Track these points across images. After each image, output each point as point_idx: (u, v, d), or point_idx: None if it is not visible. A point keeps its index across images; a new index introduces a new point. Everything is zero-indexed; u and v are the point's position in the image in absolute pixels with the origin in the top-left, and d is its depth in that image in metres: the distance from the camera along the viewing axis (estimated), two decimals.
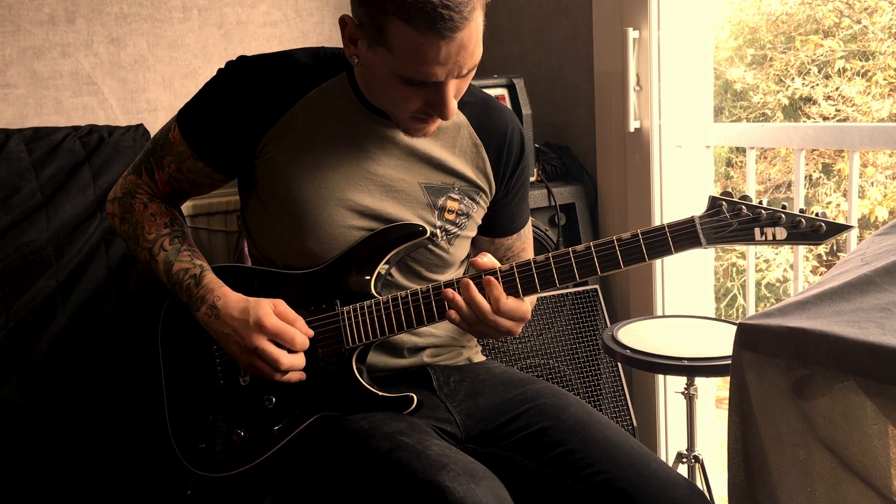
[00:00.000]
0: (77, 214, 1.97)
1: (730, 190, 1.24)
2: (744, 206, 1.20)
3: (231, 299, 1.31)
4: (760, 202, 1.20)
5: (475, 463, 1.17)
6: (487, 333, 1.27)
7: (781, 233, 1.19)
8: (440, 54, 1.14)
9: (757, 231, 1.19)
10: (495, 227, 1.49)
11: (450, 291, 1.25)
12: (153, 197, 1.44)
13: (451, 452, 1.18)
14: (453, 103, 1.22)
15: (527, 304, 1.27)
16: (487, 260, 1.27)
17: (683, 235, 1.21)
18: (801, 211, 1.19)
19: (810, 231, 1.18)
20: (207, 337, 1.38)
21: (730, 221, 1.20)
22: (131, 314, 1.99)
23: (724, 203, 1.21)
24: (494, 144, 1.42)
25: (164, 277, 1.38)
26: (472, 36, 1.16)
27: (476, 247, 1.53)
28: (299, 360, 1.30)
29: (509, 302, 1.24)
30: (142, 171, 1.43)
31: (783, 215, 1.18)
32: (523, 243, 1.53)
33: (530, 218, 1.56)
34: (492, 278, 1.24)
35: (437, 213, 1.39)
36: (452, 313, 1.25)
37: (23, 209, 1.92)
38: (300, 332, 1.29)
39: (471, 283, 1.24)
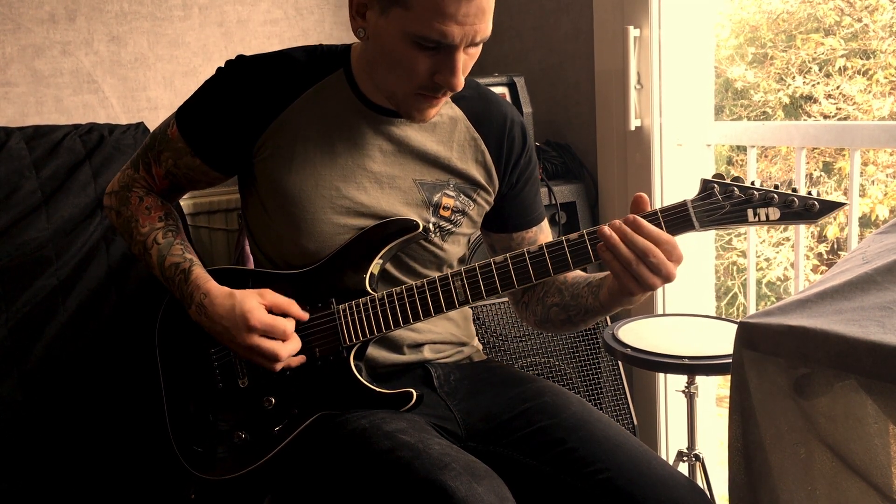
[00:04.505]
0: (77, 213, 1.97)
1: (721, 172, 1.23)
2: (736, 188, 1.19)
3: (216, 296, 1.30)
4: (752, 183, 1.20)
5: (477, 462, 1.17)
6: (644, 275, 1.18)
7: (775, 213, 1.18)
8: (460, 10, 1.14)
9: (750, 212, 1.19)
10: (509, 221, 1.47)
11: (606, 228, 1.19)
12: (150, 191, 1.44)
13: (453, 451, 1.18)
14: (462, 75, 1.22)
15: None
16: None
17: (676, 219, 1.21)
18: (794, 190, 1.18)
19: (803, 210, 1.17)
20: (204, 340, 1.38)
21: (722, 203, 1.20)
22: (132, 313, 1.99)
23: (715, 185, 1.20)
24: (494, 137, 1.42)
25: (158, 272, 1.38)
26: (490, 3, 1.18)
27: (495, 247, 1.51)
28: (295, 343, 1.30)
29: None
30: (139, 166, 1.43)
31: (775, 195, 1.18)
32: (546, 237, 1.51)
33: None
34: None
35: (431, 209, 1.39)
36: (608, 255, 1.19)
37: (23, 207, 1.92)
38: (290, 321, 1.29)
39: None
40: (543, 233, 1.50)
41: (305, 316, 1.32)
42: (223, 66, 1.36)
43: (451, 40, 1.17)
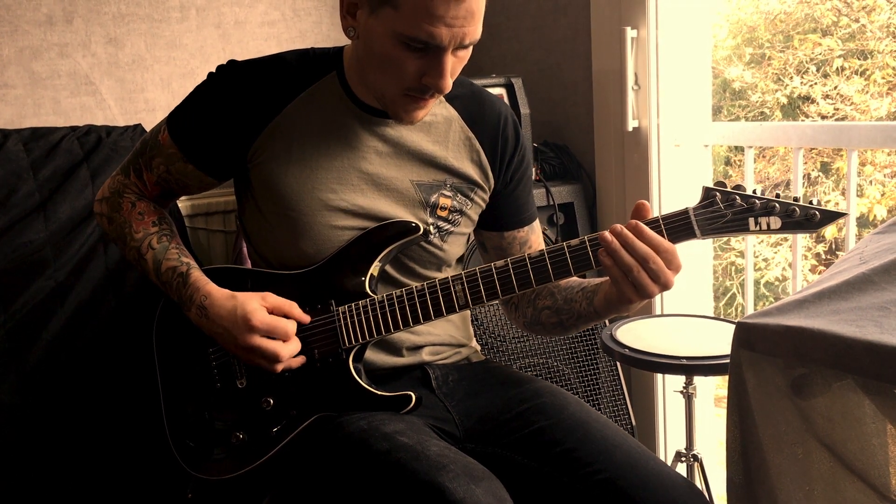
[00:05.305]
0: (75, 215, 1.97)
1: (724, 180, 1.23)
2: (738, 197, 1.19)
3: (217, 298, 1.30)
4: (754, 191, 1.20)
5: (475, 463, 1.17)
6: (644, 280, 1.19)
7: (776, 222, 1.18)
8: (448, 13, 1.14)
9: (751, 221, 1.19)
10: (502, 219, 1.47)
11: (608, 234, 1.19)
12: (141, 196, 1.44)
13: (451, 453, 1.18)
14: (450, 78, 1.22)
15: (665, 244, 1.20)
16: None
17: (678, 227, 1.21)
18: (795, 199, 1.18)
19: (804, 219, 1.17)
20: (202, 340, 1.38)
21: (724, 212, 1.20)
22: (129, 314, 1.99)
23: (717, 193, 1.20)
24: (488, 135, 1.42)
25: (154, 277, 1.38)
26: (479, 6, 1.18)
27: (486, 245, 1.50)
28: (296, 345, 1.30)
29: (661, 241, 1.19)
30: (130, 172, 1.43)
31: (777, 204, 1.18)
32: (538, 237, 1.51)
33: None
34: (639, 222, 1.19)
35: (429, 210, 1.39)
36: (608, 260, 1.19)
37: (21, 209, 1.92)
38: (291, 323, 1.29)
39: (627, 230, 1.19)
40: (535, 233, 1.50)
41: (307, 319, 1.32)
42: (214, 71, 1.36)
43: (440, 42, 1.17)
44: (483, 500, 1.08)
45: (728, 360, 1.15)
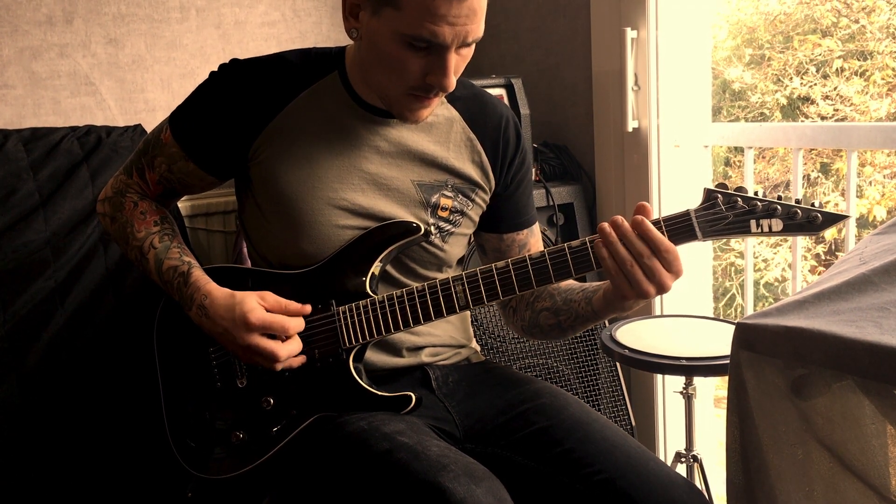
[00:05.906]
0: (75, 215, 1.97)
1: (725, 181, 1.23)
2: (739, 198, 1.19)
3: (217, 297, 1.30)
4: (756, 193, 1.19)
5: (475, 464, 1.17)
6: (639, 278, 1.18)
7: (777, 224, 1.18)
8: (451, 11, 1.14)
9: (753, 223, 1.19)
10: (501, 222, 1.47)
11: (606, 225, 1.19)
12: (144, 196, 1.44)
13: (451, 453, 1.18)
14: (453, 76, 1.22)
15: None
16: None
17: (679, 229, 1.20)
18: (797, 201, 1.18)
19: (806, 222, 1.17)
20: (202, 339, 1.38)
21: (725, 214, 1.19)
22: (129, 314, 1.99)
23: (719, 195, 1.20)
24: (489, 137, 1.42)
25: (155, 276, 1.38)
26: (481, 4, 1.18)
27: (485, 247, 1.51)
28: (296, 345, 1.29)
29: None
30: (132, 172, 1.43)
31: (779, 206, 1.17)
32: (537, 241, 1.52)
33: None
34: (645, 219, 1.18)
35: (430, 210, 1.39)
36: (604, 251, 1.19)
37: (21, 210, 1.92)
38: (290, 319, 1.29)
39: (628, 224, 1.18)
40: (534, 236, 1.50)
41: (308, 309, 1.31)
42: (216, 69, 1.36)
43: (442, 40, 1.17)
44: (483, 501, 1.08)
45: (728, 361, 1.15)
